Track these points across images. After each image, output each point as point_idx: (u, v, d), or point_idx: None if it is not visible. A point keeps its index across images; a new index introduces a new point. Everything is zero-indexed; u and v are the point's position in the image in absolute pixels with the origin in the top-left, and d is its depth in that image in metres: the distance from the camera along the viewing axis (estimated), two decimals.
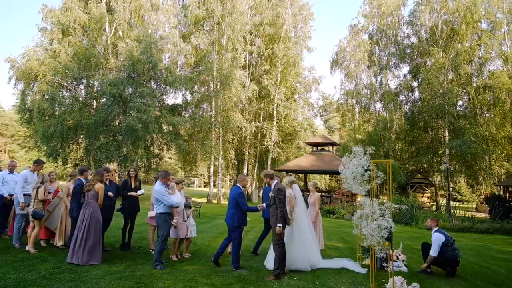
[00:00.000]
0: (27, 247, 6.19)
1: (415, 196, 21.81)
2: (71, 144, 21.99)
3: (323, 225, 8.07)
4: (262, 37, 27.21)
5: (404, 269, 6.31)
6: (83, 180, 6.24)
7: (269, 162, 27.44)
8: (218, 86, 24.37)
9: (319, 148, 23.46)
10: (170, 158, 43.30)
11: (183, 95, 26.04)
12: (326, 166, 21.09)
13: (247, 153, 28.67)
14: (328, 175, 37.23)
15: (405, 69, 32.47)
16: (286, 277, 5.51)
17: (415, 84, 28.13)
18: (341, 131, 41.67)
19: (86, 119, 19.26)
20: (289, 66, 26.43)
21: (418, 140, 27.88)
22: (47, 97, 18.78)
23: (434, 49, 24.93)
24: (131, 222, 7.15)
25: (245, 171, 29.47)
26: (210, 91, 25.10)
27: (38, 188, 6.41)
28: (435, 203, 26.59)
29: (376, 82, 28.49)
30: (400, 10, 27.87)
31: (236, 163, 30.50)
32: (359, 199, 6.08)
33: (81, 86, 21.62)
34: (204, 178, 50.36)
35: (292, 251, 5.81)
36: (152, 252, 6.63)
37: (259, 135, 28.68)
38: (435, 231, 6.22)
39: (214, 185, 26.29)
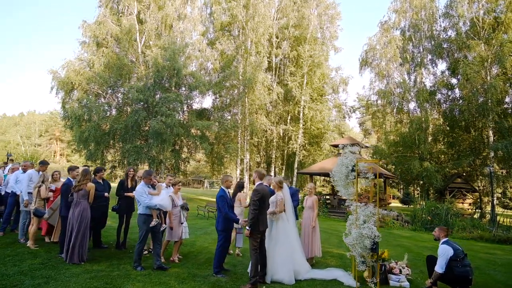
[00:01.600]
0: (27, 243, 6.54)
1: (452, 202, 20.04)
2: (107, 148, 23.24)
3: (319, 230, 7.61)
4: (288, 40, 26.99)
5: (406, 284, 5.63)
6: (72, 180, 6.45)
7: (296, 165, 26.95)
8: (242, 90, 24.50)
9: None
10: (199, 161, 44.16)
11: (213, 100, 26.70)
12: None
13: (274, 156, 28.44)
14: None
15: (442, 65, 30.25)
16: (264, 287, 5.23)
17: (454, 81, 26.11)
18: (379, 134, 39.81)
19: (117, 124, 20.32)
20: (314, 67, 25.82)
21: (458, 141, 25.77)
22: (82, 104, 20.08)
23: (475, 42, 22.94)
24: (127, 222, 7.31)
25: (272, 173, 29.26)
26: (235, 94, 25.32)
27: (39, 187, 6.77)
28: (479, 211, 24.26)
29: (409, 80, 26.83)
30: (434, 2, 26.07)
31: (266, 166, 30.44)
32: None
33: (114, 94, 22.83)
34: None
35: (276, 258, 5.45)
36: (146, 254, 6.70)
37: (286, 137, 28.34)
38: (442, 243, 5.31)
39: None
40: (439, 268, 5.10)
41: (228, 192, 5.99)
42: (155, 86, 20.53)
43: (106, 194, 6.95)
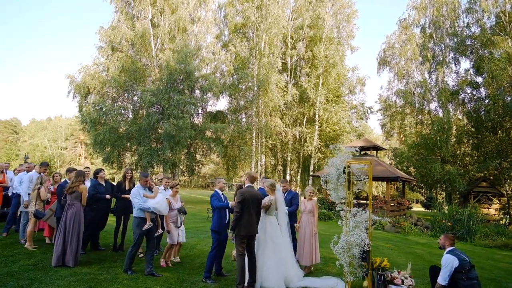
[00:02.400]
0: (25, 244, 6.61)
1: (476, 207, 18.90)
2: (124, 151, 23.68)
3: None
4: (303, 40, 26.63)
5: None
6: (68, 181, 6.47)
7: (311, 168, 26.45)
8: (255, 91, 24.36)
9: (362, 152, 21.83)
10: (218, 164, 44.36)
11: (227, 102, 26.72)
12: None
13: (289, 159, 28.06)
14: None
15: (465, 63, 28.82)
16: None
17: (479, 79, 24.77)
18: (402, 136, 38.55)
19: (131, 126, 20.66)
20: (329, 67, 25.28)
21: (484, 142, 24.39)
22: (97, 108, 20.56)
23: (501, 38, 21.71)
24: (124, 224, 7.25)
25: (288, 176, 28.87)
26: (249, 96, 25.20)
27: (39, 189, 6.84)
28: (507, 216, 22.77)
29: (430, 80, 25.72)
30: None
31: (282, 169, 30.12)
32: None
33: (129, 97, 23.26)
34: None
35: (265, 265, 5.16)
36: (142, 257, 6.61)
37: (301, 140, 27.90)
38: (447, 252, 4.83)
39: None
40: (442, 280, 4.64)
41: (222, 194, 5.91)
42: (167, 89, 20.70)
43: (107, 196, 6.93)
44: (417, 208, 41.78)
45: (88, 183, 6.96)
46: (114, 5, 23.61)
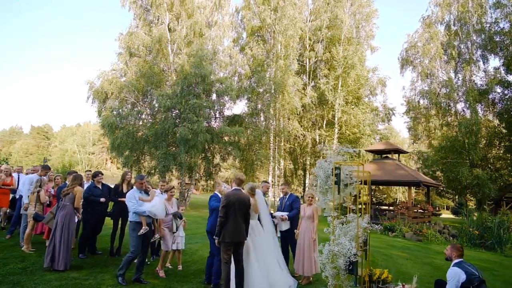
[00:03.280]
0: (23, 247, 6.62)
1: (508, 214, 17.49)
2: (142, 155, 24.04)
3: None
4: (322, 42, 26.12)
5: None
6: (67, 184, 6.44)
7: None
8: (272, 94, 24.07)
9: (383, 156, 20.91)
10: (237, 168, 44.29)
11: (245, 105, 26.60)
12: (388, 175, 18.58)
13: (308, 163, 27.45)
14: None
15: (495, 61, 27.04)
16: None
17: (510, 77, 23.17)
18: (431, 139, 36.87)
19: (148, 130, 20.95)
20: (348, 69, 24.55)
21: None
22: (115, 112, 21.01)
23: None
24: (121, 228, 7.14)
25: (307, 181, 28.26)
26: (266, 99, 24.94)
27: (38, 192, 6.86)
28: None
29: (456, 79, 24.34)
30: None
31: (302, 173, 29.55)
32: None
33: (147, 101, 23.64)
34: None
35: (249, 274, 4.82)
36: (147, 263, 6.44)
37: (322, 143, 27.23)
38: (454, 265, 4.34)
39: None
40: None
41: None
42: (183, 93, 20.82)
43: (102, 199, 6.84)
44: (447, 214, 39.68)
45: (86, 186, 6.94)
46: (133, 12, 24.19)
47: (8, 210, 8.88)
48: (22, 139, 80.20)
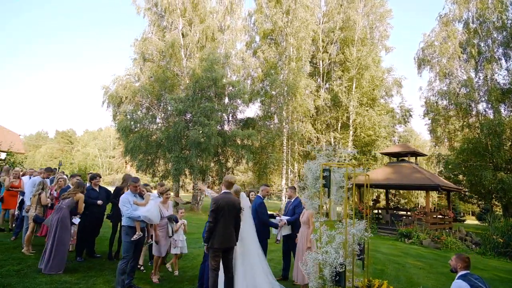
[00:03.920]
0: (23, 249, 6.68)
1: None
2: (156, 158, 24.27)
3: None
4: (335, 43, 25.73)
5: None
6: (70, 186, 6.47)
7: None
8: (285, 96, 23.84)
9: (400, 159, 20.18)
10: (251, 171, 44.05)
11: (258, 108, 26.49)
12: (404, 179, 17.88)
13: None
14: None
15: None
16: None
17: None
18: (452, 141, 35.45)
19: (161, 134, 21.17)
20: (361, 70, 23.98)
21: None
22: (128, 116, 21.37)
23: None
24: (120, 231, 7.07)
25: None
26: (279, 102, 24.74)
27: (40, 194, 6.93)
28: None
29: (477, 78, 23.28)
30: None
31: None
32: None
33: (160, 105, 23.94)
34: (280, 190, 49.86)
35: (236, 280, 4.64)
36: (142, 270, 6.35)
37: (337, 146, 26.67)
38: (459, 277, 3.89)
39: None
40: None
41: None
42: (195, 96, 20.93)
43: (99, 202, 6.82)
44: (471, 221, 37.90)
45: None
46: (147, 18, 24.67)
47: (17, 212, 9.05)
48: (47, 143, 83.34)
